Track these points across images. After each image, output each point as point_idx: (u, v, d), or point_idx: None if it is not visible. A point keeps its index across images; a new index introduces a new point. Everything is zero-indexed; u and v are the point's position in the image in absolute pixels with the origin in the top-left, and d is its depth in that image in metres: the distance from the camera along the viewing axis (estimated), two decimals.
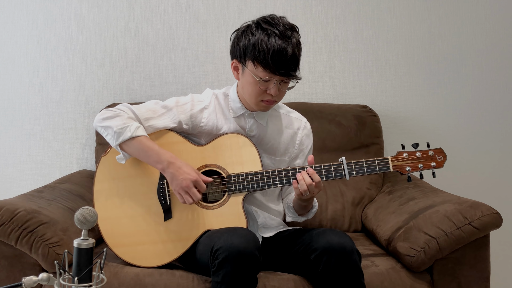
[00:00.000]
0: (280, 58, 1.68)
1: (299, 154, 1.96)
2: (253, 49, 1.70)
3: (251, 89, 1.76)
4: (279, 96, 1.78)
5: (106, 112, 1.80)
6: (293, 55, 1.70)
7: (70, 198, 2.08)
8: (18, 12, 2.57)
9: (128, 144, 1.76)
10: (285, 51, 1.68)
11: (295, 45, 1.71)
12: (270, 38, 1.68)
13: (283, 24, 1.72)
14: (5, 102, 2.59)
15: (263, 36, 1.69)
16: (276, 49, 1.67)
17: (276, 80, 1.72)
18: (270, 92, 1.74)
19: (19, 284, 1.24)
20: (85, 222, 1.25)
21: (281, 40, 1.68)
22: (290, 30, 1.72)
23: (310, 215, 1.94)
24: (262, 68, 1.70)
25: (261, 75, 1.71)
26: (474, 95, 2.68)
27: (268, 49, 1.67)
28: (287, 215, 1.96)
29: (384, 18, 2.64)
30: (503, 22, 2.66)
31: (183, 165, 1.74)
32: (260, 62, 1.70)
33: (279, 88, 1.74)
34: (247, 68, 1.74)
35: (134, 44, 2.59)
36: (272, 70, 1.69)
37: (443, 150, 1.83)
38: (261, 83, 1.73)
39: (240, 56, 1.76)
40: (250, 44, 1.71)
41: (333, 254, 1.62)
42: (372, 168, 1.78)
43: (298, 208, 1.90)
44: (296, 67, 1.73)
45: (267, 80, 1.72)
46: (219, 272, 1.57)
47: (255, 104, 1.80)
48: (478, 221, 1.81)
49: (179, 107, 1.85)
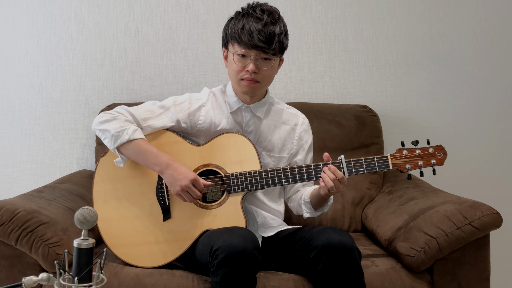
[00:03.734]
0: (252, 33, 1.75)
1: (299, 150, 1.96)
2: (231, 31, 1.80)
3: (231, 68, 1.83)
4: (261, 76, 1.81)
5: (103, 115, 1.81)
6: (266, 28, 1.75)
7: (70, 198, 2.08)
8: (18, 12, 2.57)
9: (126, 147, 1.76)
10: (258, 27, 1.75)
11: (269, 22, 1.77)
12: (248, 19, 1.77)
13: (261, 9, 1.79)
14: (5, 102, 2.59)
15: (242, 19, 1.79)
16: (253, 27, 1.76)
17: (252, 56, 1.77)
18: (248, 68, 1.78)
19: (19, 284, 1.24)
20: (85, 222, 1.25)
21: (257, 19, 1.76)
22: (267, 11, 1.79)
23: (326, 208, 1.91)
24: (237, 44, 1.78)
25: (237, 50, 1.78)
26: (474, 95, 2.68)
27: (243, 26, 1.76)
28: (304, 212, 1.93)
29: (384, 18, 2.64)
30: (503, 22, 2.66)
31: (181, 167, 1.74)
32: (236, 39, 1.77)
33: (257, 66, 1.78)
34: (229, 51, 1.82)
35: (134, 44, 2.59)
36: (245, 44, 1.76)
37: (443, 147, 1.82)
38: (240, 60, 1.78)
39: (225, 42, 1.85)
40: (229, 27, 1.82)
41: (333, 252, 1.62)
42: (371, 166, 1.78)
43: (316, 203, 1.88)
44: (270, 40, 1.76)
45: (244, 55, 1.78)
46: (218, 272, 1.57)
47: (236, 83, 1.84)
48: (478, 221, 1.80)
49: (176, 106, 1.86)
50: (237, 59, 1.78)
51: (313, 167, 1.78)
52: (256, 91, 1.84)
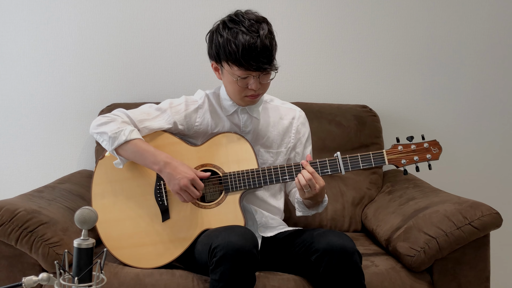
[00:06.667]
0: (250, 54, 1.68)
1: (296, 143, 1.96)
2: (224, 51, 1.72)
3: (232, 88, 1.79)
4: (262, 89, 1.80)
5: (100, 118, 1.82)
6: (264, 47, 1.69)
7: (70, 198, 2.08)
8: (18, 12, 2.57)
9: (124, 148, 1.77)
10: (254, 46, 1.68)
11: (263, 37, 1.70)
12: (238, 36, 1.69)
13: (248, 19, 1.72)
14: (5, 102, 2.59)
15: (230, 35, 1.71)
16: (246, 46, 1.68)
17: (253, 75, 1.74)
18: (251, 87, 1.76)
19: (19, 284, 1.24)
20: (85, 222, 1.25)
21: (248, 36, 1.68)
22: (257, 23, 1.72)
23: (320, 208, 1.91)
24: (236, 67, 1.72)
25: (238, 73, 1.74)
26: (474, 95, 2.68)
27: (237, 47, 1.68)
28: (297, 210, 1.94)
29: (384, 18, 2.64)
30: (503, 22, 2.66)
31: (180, 165, 1.74)
32: (233, 61, 1.71)
33: (259, 82, 1.76)
34: (224, 69, 1.77)
35: (134, 44, 2.59)
36: (246, 67, 1.71)
37: (438, 142, 1.83)
38: (240, 81, 1.75)
39: (215, 58, 1.79)
40: (220, 46, 1.73)
41: (334, 255, 1.62)
42: (367, 162, 1.78)
43: (308, 203, 1.88)
44: (270, 58, 1.72)
45: (245, 77, 1.74)
46: (217, 270, 1.58)
47: (240, 100, 1.82)
48: (478, 221, 1.80)
49: (173, 108, 1.87)
50: (239, 81, 1.75)
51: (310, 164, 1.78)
52: (258, 100, 1.86)
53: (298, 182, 1.73)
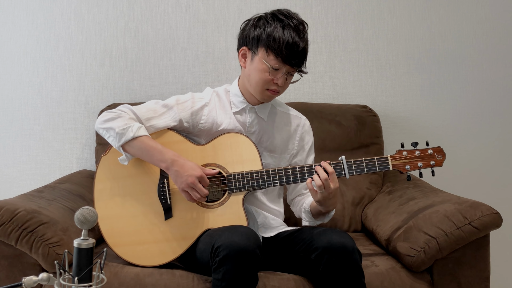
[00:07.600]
0: (292, 49, 1.73)
1: (299, 150, 1.96)
2: (268, 37, 1.75)
3: (258, 76, 1.79)
4: (283, 88, 1.82)
5: (107, 114, 1.80)
6: (304, 49, 1.77)
7: (70, 198, 2.08)
8: (18, 12, 2.57)
9: (131, 144, 1.76)
10: (297, 44, 1.74)
11: (306, 41, 1.78)
12: (286, 29, 1.75)
13: (297, 19, 1.78)
14: (5, 102, 2.59)
15: (279, 26, 1.75)
16: (291, 41, 1.73)
17: (285, 70, 1.76)
18: (277, 81, 1.78)
19: (19, 284, 1.24)
20: (85, 222, 1.25)
21: (295, 33, 1.75)
22: (302, 26, 1.78)
23: (326, 218, 1.91)
24: (274, 56, 1.75)
25: (272, 63, 1.76)
26: (474, 95, 2.68)
27: (283, 39, 1.73)
28: (303, 220, 1.94)
29: (384, 18, 2.64)
30: (503, 22, 2.66)
31: (187, 162, 1.74)
32: (273, 50, 1.74)
33: (286, 79, 1.78)
34: (258, 56, 1.78)
35: (134, 44, 2.59)
36: (284, 59, 1.74)
37: (442, 149, 1.83)
38: (271, 71, 1.76)
39: (252, 43, 1.79)
40: (265, 32, 1.76)
41: (334, 254, 1.62)
42: (371, 166, 1.78)
43: (315, 212, 1.88)
44: (304, 61, 1.79)
45: (277, 68, 1.76)
46: (219, 269, 1.57)
47: (260, 92, 1.82)
48: (478, 221, 1.80)
49: (179, 105, 1.86)
50: (270, 71, 1.77)
51: (314, 167, 1.78)
52: (274, 98, 1.87)
53: (310, 183, 1.74)
